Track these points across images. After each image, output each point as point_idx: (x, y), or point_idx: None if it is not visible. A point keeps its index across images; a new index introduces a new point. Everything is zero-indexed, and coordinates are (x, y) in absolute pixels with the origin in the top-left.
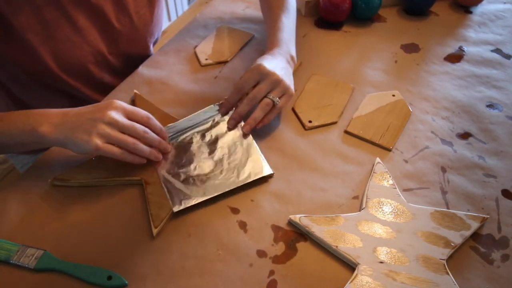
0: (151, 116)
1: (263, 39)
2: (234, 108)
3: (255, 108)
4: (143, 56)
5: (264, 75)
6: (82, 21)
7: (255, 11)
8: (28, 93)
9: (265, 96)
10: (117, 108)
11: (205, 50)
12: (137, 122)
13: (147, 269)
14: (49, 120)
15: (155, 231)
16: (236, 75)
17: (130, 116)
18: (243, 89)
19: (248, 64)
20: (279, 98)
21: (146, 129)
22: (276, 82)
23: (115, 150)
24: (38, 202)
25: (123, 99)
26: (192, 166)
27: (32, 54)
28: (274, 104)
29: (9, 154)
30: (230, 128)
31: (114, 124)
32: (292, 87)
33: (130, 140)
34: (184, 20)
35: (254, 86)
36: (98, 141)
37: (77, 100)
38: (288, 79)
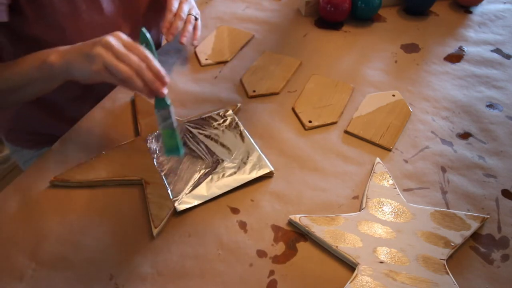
0: (150, 56)
1: (263, 39)
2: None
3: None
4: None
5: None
6: (106, 3)
7: (255, 11)
8: None
9: (188, 14)
10: (116, 36)
11: (205, 50)
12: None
13: (147, 269)
14: (58, 50)
15: (155, 231)
16: (236, 75)
17: (128, 48)
18: (173, 11)
19: (248, 64)
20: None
21: (142, 64)
22: (190, 3)
23: (118, 70)
24: (38, 202)
25: (123, 99)
26: (194, 169)
27: (62, 35)
28: (196, 19)
29: (11, 150)
30: (168, 41)
31: (109, 47)
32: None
33: (122, 67)
34: None
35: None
36: (95, 66)
37: (91, 87)
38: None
